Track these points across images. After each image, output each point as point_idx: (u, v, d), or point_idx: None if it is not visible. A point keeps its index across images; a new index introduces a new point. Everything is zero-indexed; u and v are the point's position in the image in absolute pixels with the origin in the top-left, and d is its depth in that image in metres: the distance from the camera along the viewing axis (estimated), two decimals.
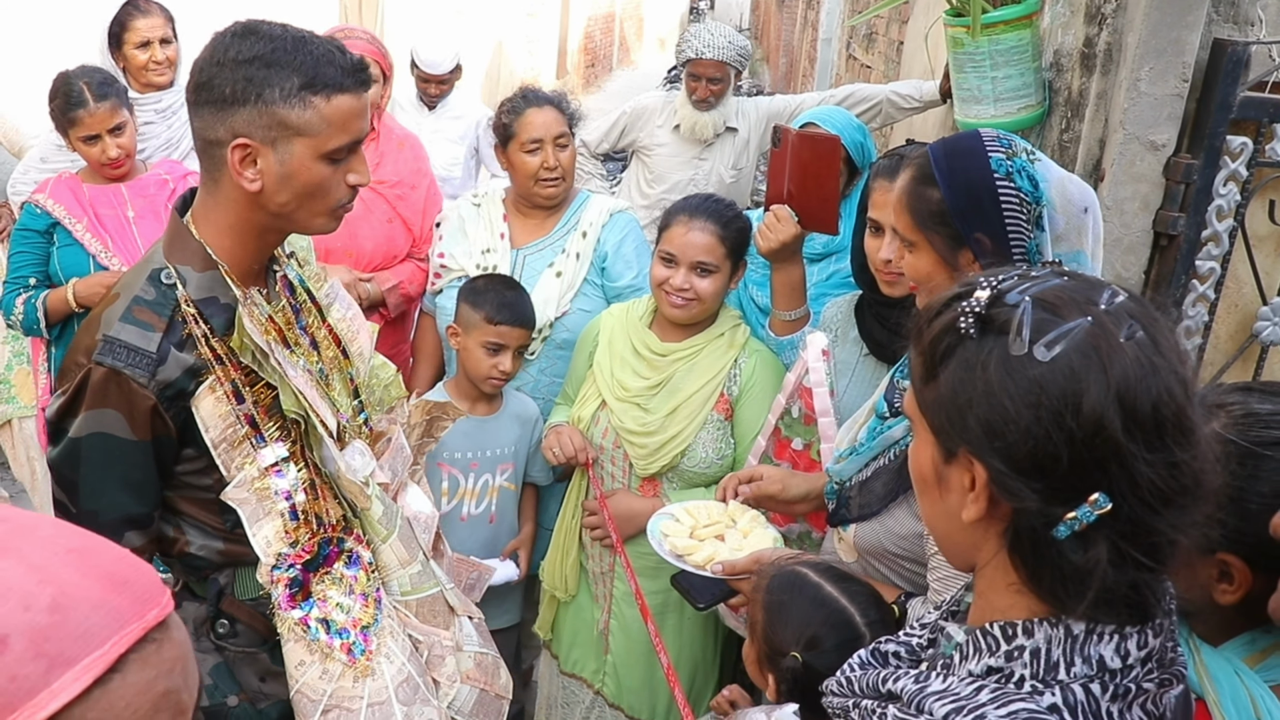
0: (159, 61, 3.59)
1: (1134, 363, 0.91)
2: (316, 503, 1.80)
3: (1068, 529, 0.93)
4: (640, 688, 2.75)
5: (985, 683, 0.98)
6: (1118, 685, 0.95)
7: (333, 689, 1.79)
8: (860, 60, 7.34)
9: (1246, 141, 2.33)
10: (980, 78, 2.66)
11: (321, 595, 1.80)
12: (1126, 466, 0.91)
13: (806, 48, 12.45)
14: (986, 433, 0.95)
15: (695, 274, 2.50)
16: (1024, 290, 0.97)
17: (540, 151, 2.95)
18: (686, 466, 2.56)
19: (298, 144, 1.64)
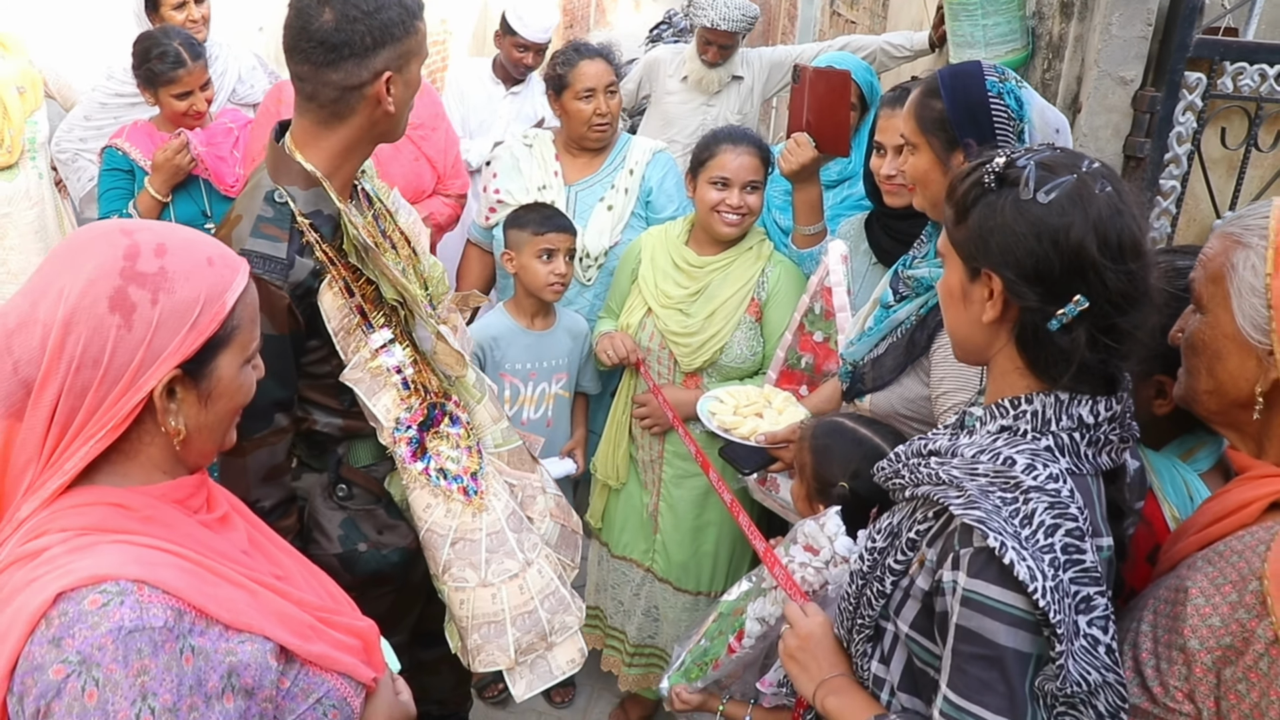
0: (195, 20, 3.88)
1: (1105, 205, 1.33)
2: (421, 374, 2.11)
3: (1058, 322, 1.35)
4: (687, 561, 3.16)
5: (1000, 436, 1.40)
6: (1091, 435, 1.38)
7: (456, 524, 2.13)
8: (845, 16, 7.69)
9: (1201, 77, 2.73)
10: (973, 25, 3.06)
11: (435, 450, 2.12)
12: (1100, 276, 1.32)
13: (786, 5, 12.74)
14: (1003, 254, 1.37)
15: (746, 192, 2.90)
16: (1028, 158, 1.39)
17: (593, 99, 3.32)
18: (724, 362, 2.97)
19: (414, 63, 1.98)
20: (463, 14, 10.24)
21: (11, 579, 1.22)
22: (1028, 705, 1.30)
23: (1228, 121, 2.83)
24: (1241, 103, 2.78)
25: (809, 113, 2.88)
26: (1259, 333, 1.38)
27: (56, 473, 1.25)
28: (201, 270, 1.29)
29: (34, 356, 1.22)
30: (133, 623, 1.17)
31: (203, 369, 1.31)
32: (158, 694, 1.17)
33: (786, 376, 2.94)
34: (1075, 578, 1.29)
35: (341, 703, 1.42)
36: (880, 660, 1.53)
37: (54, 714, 1.15)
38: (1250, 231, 1.41)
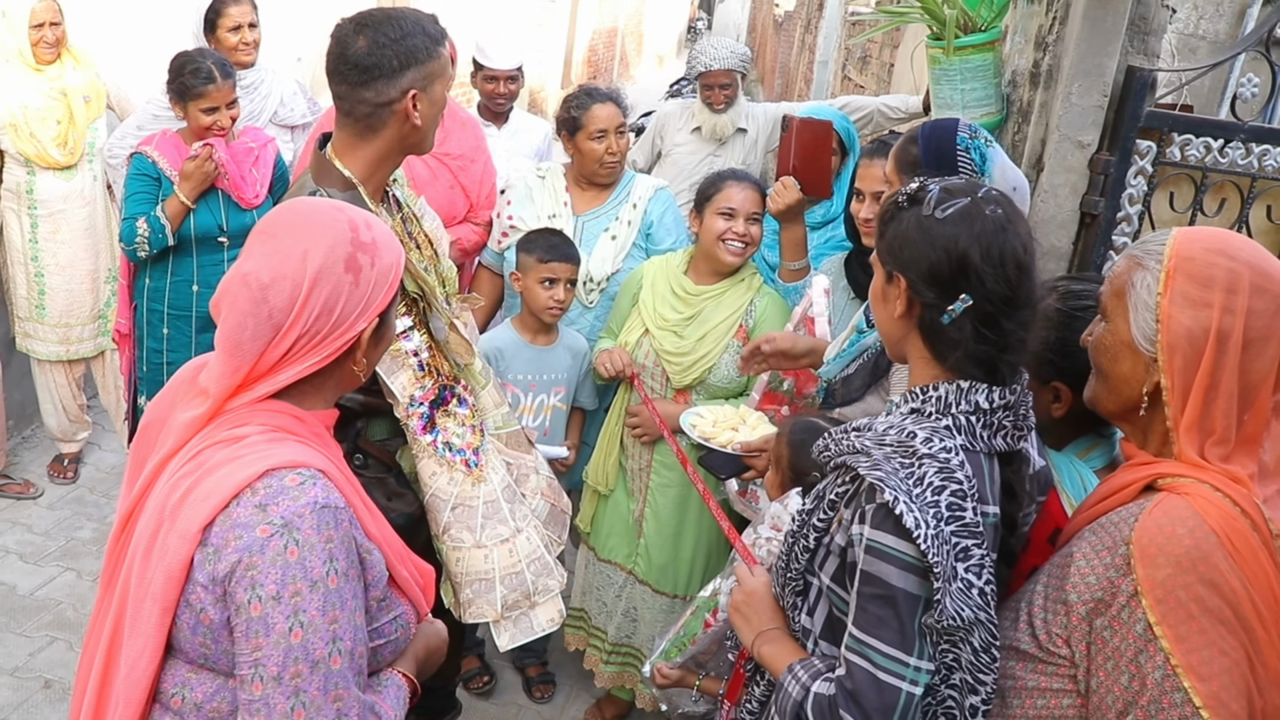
0: (247, 43, 4.24)
1: (991, 223, 1.63)
2: (435, 359, 2.39)
3: (949, 317, 1.65)
4: (666, 565, 3.41)
5: (909, 416, 1.69)
6: (986, 419, 1.65)
7: (457, 491, 2.42)
8: (854, 80, 8.07)
9: (1152, 145, 3.03)
10: (952, 90, 3.36)
11: (443, 426, 2.41)
12: (980, 279, 1.62)
13: (803, 69, 13.18)
14: (907, 259, 1.67)
15: (750, 223, 3.21)
16: (936, 184, 1.70)
17: (605, 139, 3.63)
18: (712, 381, 3.25)
19: (438, 83, 2.27)
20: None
21: (213, 456, 1.51)
22: (916, 639, 1.57)
23: (1176, 187, 3.11)
24: (1189, 171, 3.07)
25: (795, 158, 3.20)
26: (1148, 342, 1.63)
27: (268, 382, 1.56)
28: (391, 240, 1.66)
29: (286, 305, 1.53)
30: (324, 500, 1.48)
31: (388, 316, 1.67)
32: (338, 559, 1.47)
33: (769, 398, 3.22)
34: (956, 531, 1.55)
35: (407, 625, 1.71)
36: (807, 613, 1.79)
37: (257, 566, 1.43)
38: (1149, 255, 1.66)
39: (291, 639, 1.43)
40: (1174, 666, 1.48)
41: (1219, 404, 1.57)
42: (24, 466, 4.97)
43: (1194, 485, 1.56)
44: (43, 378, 4.71)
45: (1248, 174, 3.07)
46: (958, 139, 2.39)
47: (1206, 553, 1.48)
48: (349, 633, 1.48)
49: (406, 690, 1.71)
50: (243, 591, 1.44)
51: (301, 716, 1.44)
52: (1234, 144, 3.04)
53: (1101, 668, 1.55)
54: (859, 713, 1.57)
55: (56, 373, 4.69)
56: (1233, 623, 1.48)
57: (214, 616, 1.48)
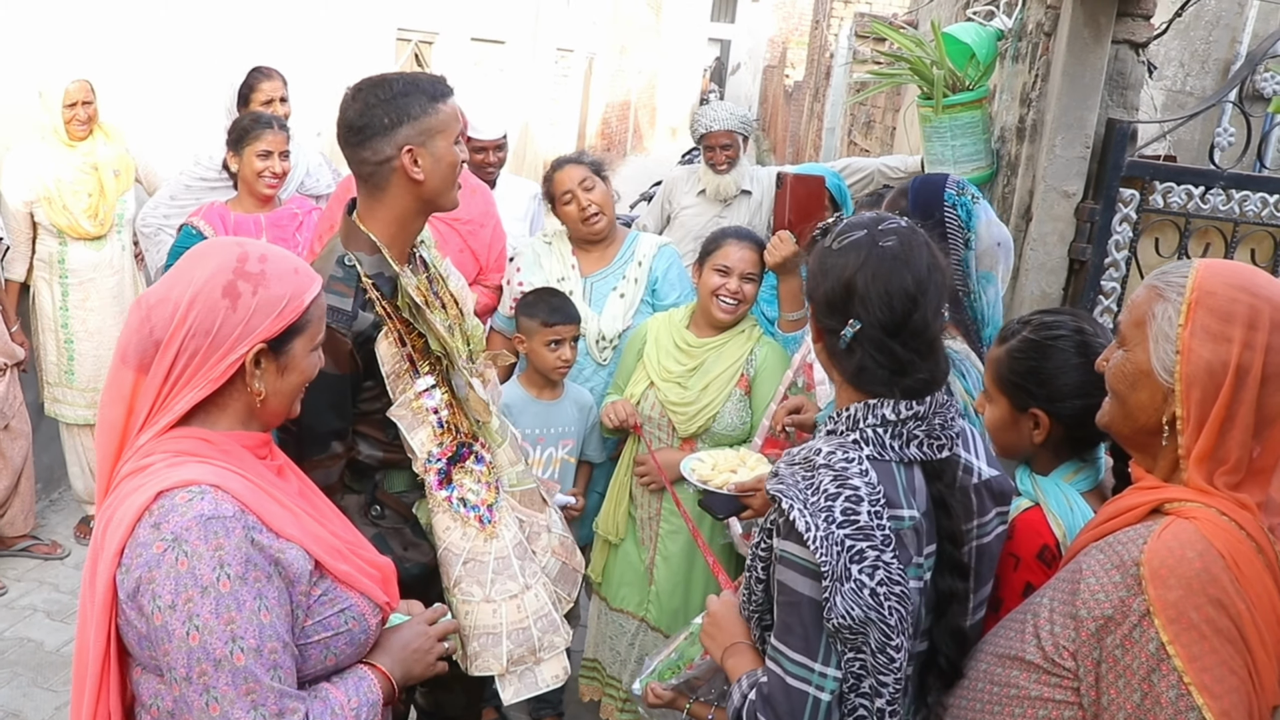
0: (278, 115, 4.47)
1: (881, 255, 1.74)
2: (454, 416, 2.46)
3: (843, 341, 1.76)
4: (678, 611, 3.46)
5: (824, 437, 1.79)
6: (894, 429, 1.74)
7: (470, 546, 2.48)
8: (860, 145, 8.27)
9: (1135, 193, 3.16)
10: (943, 146, 3.51)
11: (459, 482, 2.47)
12: (864, 306, 1.73)
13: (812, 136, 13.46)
14: (811, 289, 1.81)
15: (744, 281, 3.32)
16: (845, 220, 1.83)
17: (572, 200, 3.76)
18: (716, 429, 3.35)
19: (439, 139, 2.32)
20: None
21: (125, 486, 1.66)
22: (820, 645, 1.64)
23: (1161, 233, 3.23)
24: (1172, 217, 3.19)
25: (790, 213, 3.33)
26: (1167, 373, 1.64)
27: (168, 412, 1.68)
28: (290, 276, 1.75)
29: (165, 323, 1.66)
30: (211, 511, 1.59)
31: (282, 347, 1.75)
32: (230, 565, 1.58)
33: (771, 443, 3.32)
34: (850, 534, 1.62)
35: (360, 617, 1.80)
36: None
37: (155, 580, 1.57)
38: (1171, 288, 1.66)
39: (190, 641, 1.55)
40: (1187, 685, 1.51)
41: (1234, 436, 1.60)
42: (51, 528, 5.11)
43: (1201, 510, 1.59)
44: (70, 441, 4.85)
45: (1230, 219, 3.19)
46: (944, 195, 2.53)
47: (1215, 575, 1.52)
48: (251, 631, 1.58)
49: (375, 682, 1.80)
50: (147, 603, 1.58)
51: (216, 710, 1.56)
52: (1214, 191, 3.16)
53: (1113, 685, 1.58)
54: (772, 716, 1.66)
55: (84, 436, 4.84)
56: (1239, 642, 1.52)
57: (141, 628, 1.61)
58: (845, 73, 9.84)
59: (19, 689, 3.91)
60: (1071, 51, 3.04)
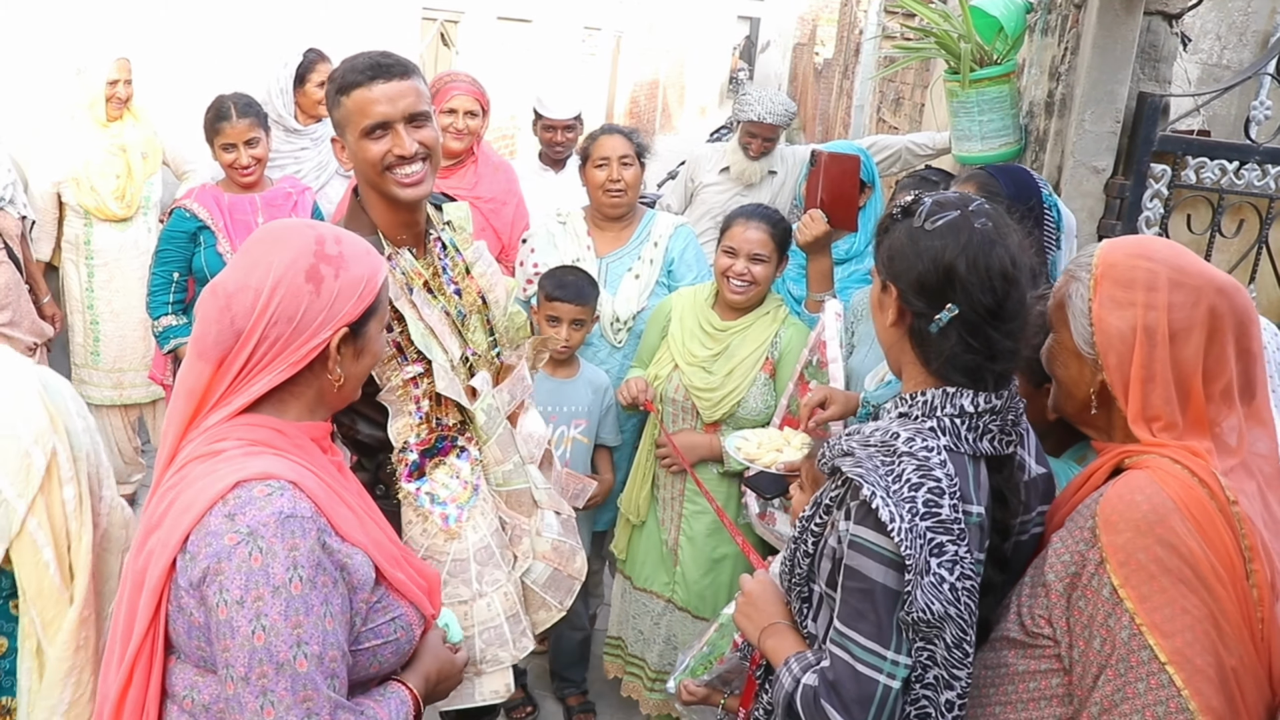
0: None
1: (979, 236, 1.70)
2: (438, 409, 2.38)
3: (936, 326, 1.71)
4: (704, 591, 3.45)
5: (897, 420, 1.75)
6: (971, 422, 1.71)
7: (428, 543, 2.38)
8: (889, 122, 8.18)
9: (1167, 169, 3.09)
10: (970, 121, 3.45)
11: (432, 475, 2.38)
12: (965, 290, 1.68)
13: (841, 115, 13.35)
14: (899, 269, 1.75)
15: (752, 262, 3.28)
16: (928, 197, 1.78)
17: (607, 167, 3.73)
18: (741, 414, 3.32)
19: (349, 134, 2.28)
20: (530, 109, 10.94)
21: (194, 469, 1.60)
22: (893, 633, 1.62)
23: (1194, 209, 3.17)
24: (1205, 193, 3.12)
25: (822, 192, 3.29)
26: (1088, 345, 1.73)
27: (241, 395, 1.64)
28: (365, 256, 1.73)
29: (246, 311, 1.62)
30: (289, 510, 1.54)
31: (361, 330, 1.72)
32: (303, 566, 1.53)
33: (788, 421, 3.29)
34: (931, 526, 1.60)
35: (408, 627, 1.76)
36: (812, 619, 1.83)
37: (224, 572, 1.51)
38: (1081, 268, 1.77)
39: (255, 641, 1.49)
40: (1139, 625, 1.55)
41: (1157, 392, 1.67)
42: None
43: (1154, 459, 1.65)
44: (98, 422, 4.89)
45: (1265, 195, 3.12)
46: (1044, 194, 2.55)
47: (1163, 516, 1.56)
48: (316, 637, 1.53)
49: (410, 705, 1.75)
50: (212, 595, 1.52)
51: (271, 715, 1.50)
52: (1249, 166, 3.09)
53: (1080, 637, 1.62)
54: (838, 703, 1.63)
55: (112, 416, 4.89)
56: (1193, 582, 1.55)
57: (199, 619, 1.56)
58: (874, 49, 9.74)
59: None
60: (1102, 23, 2.97)
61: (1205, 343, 1.68)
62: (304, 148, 4.45)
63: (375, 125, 2.24)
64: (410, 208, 2.38)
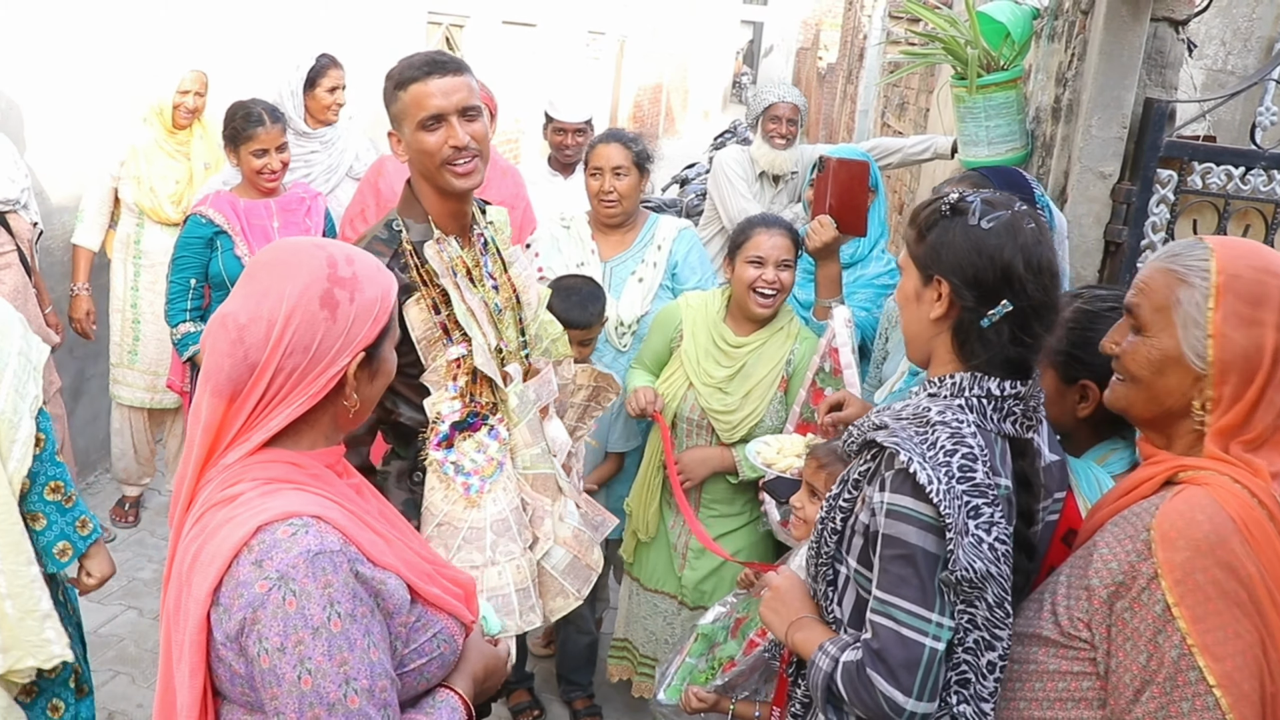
0: (339, 104, 4.53)
1: (1030, 235, 1.75)
2: (474, 386, 2.51)
3: (989, 320, 1.74)
4: (715, 591, 3.44)
5: (925, 398, 1.79)
6: (997, 404, 1.75)
7: (448, 509, 2.49)
8: (893, 126, 8.19)
9: (1173, 174, 3.10)
10: (976, 126, 3.46)
11: (459, 447, 2.50)
12: (1022, 287, 1.72)
13: (845, 119, 13.36)
14: (951, 264, 1.77)
15: (780, 269, 3.27)
16: (975, 195, 1.80)
17: (599, 177, 3.75)
18: (758, 434, 3.31)
19: (406, 126, 2.43)
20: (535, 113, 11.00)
21: (214, 518, 1.54)
22: (936, 596, 1.66)
23: (1200, 214, 3.17)
24: (1211, 198, 3.13)
25: (832, 198, 3.30)
26: (1199, 359, 1.67)
27: (259, 430, 1.58)
28: (377, 274, 1.67)
29: (260, 344, 1.54)
30: (317, 546, 1.49)
31: (377, 351, 1.67)
32: (340, 602, 1.48)
33: (804, 428, 3.29)
34: (967, 490, 1.65)
35: (450, 639, 1.73)
36: (838, 603, 1.86)
37: (260, 620, 1.46)
38: (1192, 271, 1.69)
39: (302, 686, 1.46)
40: (1190, 646, 1.54)
41: (1260, 412, 1.64)
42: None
43: (1214, 477, 1.62)
44: (121, 422, 4.92)
45: (1271, 200, 3.13)
46: (1036, 195, 2.59)
47: (1224, 537, 1.55)
48: (363, 671, 1.49)
49: (461, 711, 1.73)
50: (252, 645, 1.47)
51: None
52: (1255, 171, 3.10)
53: (1121, 648, 1.61)
54: (884, 669, 1.66)
55: (138, 417, 4.93)
56: (1248, 606, 1.54)
57: (240, 669, 1.52)
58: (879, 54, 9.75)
59: None
60: (1109, 29, 2.98)
61: None
62: (314, 151, 4.47)
63: (431, 117, 2.37)
64: (460, 198, 2.50)
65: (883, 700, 1.65)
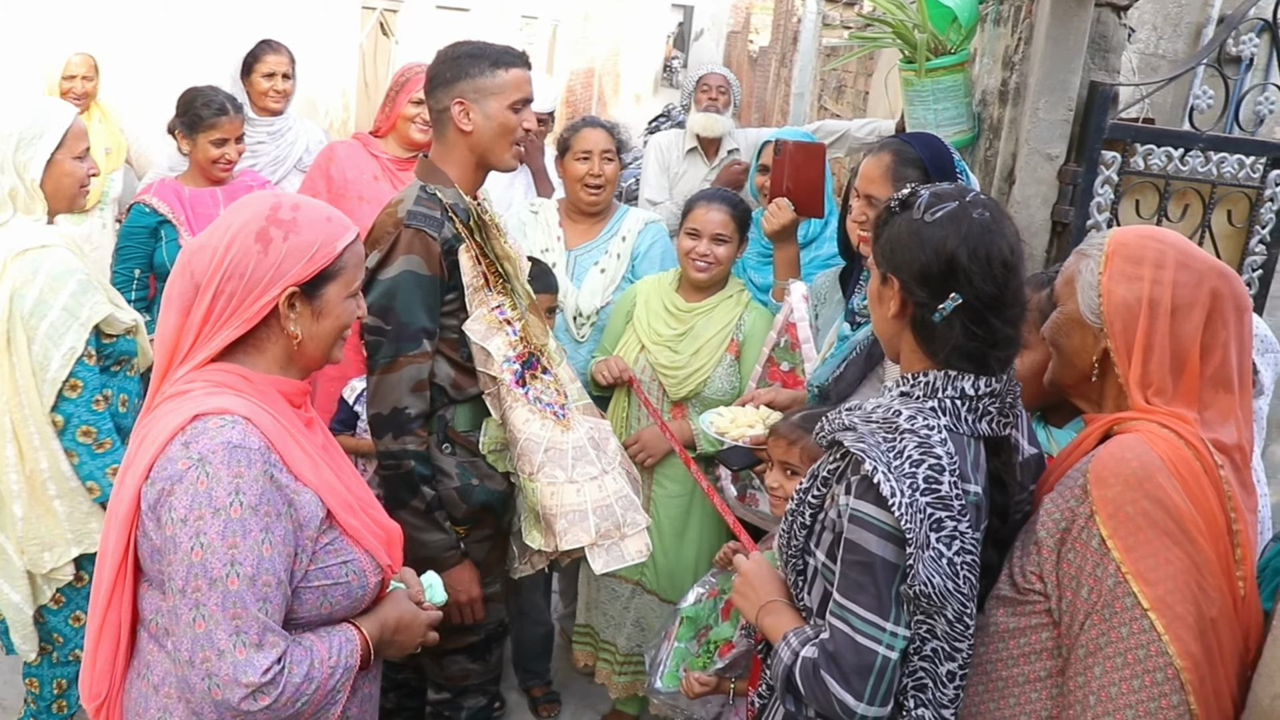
0: (279, 91, 4.40)
1: (978, 226, 1.75)
2: (525, 329, 2.72)
3: (940, 315, 1.75)
4: (673, 572, 3.50)
5: (899, 398, 1.81)
6: (971, 404, 1.76)
7: (549, 435, 2.69)
8: (830, 110, 8.27)
9: (1116, 155, 3.19)
10: (925, 110, 3.53)
11: (533, 384, 2.71)
12: (969, 279, 1.73)
13: (780, 102, 13.43)
14: (900, 261, 1.79)
15: (714, 243, 3.35)
16: (926, 189, 1.82)
17: (589, 161, 3.76)
18: (706, 394, 3.38)
19: (493, 100, 2.61)
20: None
21: (164, 408, 1.78)
22: (893, 606, 1.68)
23: (1142, 195, 3.28)
24: (1152, 179, 3.23)
25: (788, 180, 3.34)
26: (1094, 315, 1.83)
27: (204, 349, 1.79)
28: (321, 224, 1.85)
29: (204, 267, 1.78)
30: (238, 440, 1.69)
31: (316, 291, 1.85)
32: (245, 493, 1.67)
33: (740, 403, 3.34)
34: (930, 502, 1.66)
35: (360, 573, 1.88)
36: (808, 592, 1.89)
37: (175, 493, 1.67)
38: (1092, 247, 1.88)
39: (192, 557, 1.64)
40: (1125, 574, 1.65)
41: (1155, 360, 1.78)
42: None
43: (1143, 425, 1.76)
44: None
45: (1208, 180, 3.24)
46: (955, 161, 2.62)
47: (1151, 473, 1.67)
48: (250, 560, 1.66)
49: (357, 647, 1.85)
50: (164, 514, 1.67)
51: (201, 627, 1.64)
52: (1194, 153, 3.21)
53: (1068, 587, 1.71)
54: (837, 673, 1.68)
55: None
56: (1177, 535, 1.65)
57: (156, 541, 1.70)
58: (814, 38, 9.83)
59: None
60: (1055, 15, 3.06)
61: (1204, 321, 1.78)
62: (260, 141, 4.37)
63: (523, 100, 2.64)
64: (488, 173, 2.75)
65: (835, 703, 1.68)
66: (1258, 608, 1.76)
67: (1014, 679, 1.80)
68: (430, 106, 2.67)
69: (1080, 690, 1.69)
